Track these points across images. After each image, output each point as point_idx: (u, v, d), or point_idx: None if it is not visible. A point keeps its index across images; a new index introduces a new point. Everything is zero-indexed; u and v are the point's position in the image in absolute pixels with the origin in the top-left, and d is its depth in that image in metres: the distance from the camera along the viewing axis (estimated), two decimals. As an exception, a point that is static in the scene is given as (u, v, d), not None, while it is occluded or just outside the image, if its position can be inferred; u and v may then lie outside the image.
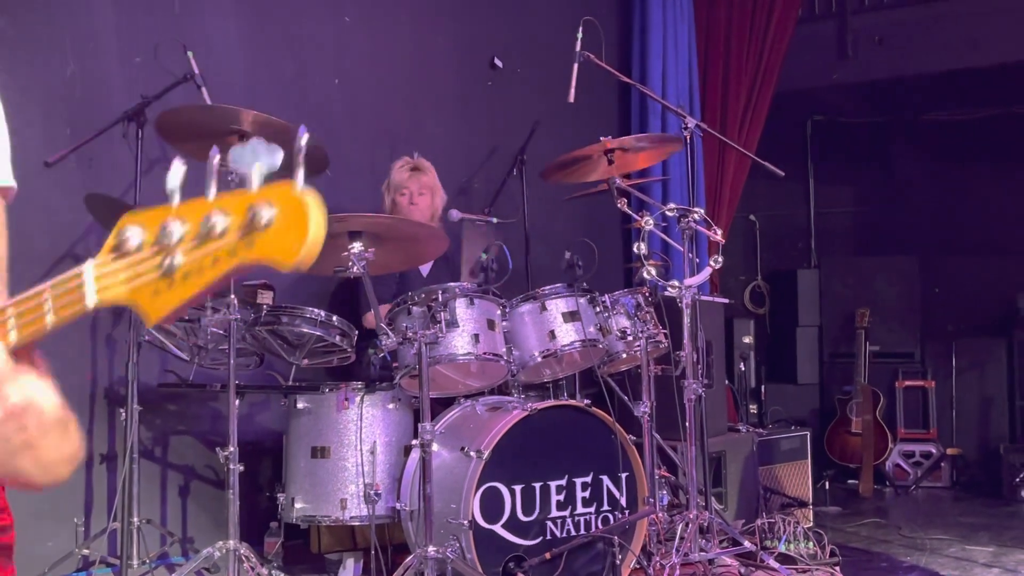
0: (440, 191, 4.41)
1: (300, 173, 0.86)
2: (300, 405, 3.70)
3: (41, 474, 1.06)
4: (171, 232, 0.89)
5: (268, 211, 0.85)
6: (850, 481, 6.31)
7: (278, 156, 0.88)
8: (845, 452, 6.45)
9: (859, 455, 6.27)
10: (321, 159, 3.51)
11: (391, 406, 3.69)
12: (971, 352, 6.54)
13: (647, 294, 3.89)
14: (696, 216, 3.75)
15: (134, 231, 0.92)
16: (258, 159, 0.88)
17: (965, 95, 6.74)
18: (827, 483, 5.97)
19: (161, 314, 0.92)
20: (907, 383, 6.51)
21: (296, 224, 0.84)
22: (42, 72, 3.83)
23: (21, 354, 1.03)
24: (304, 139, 0.89)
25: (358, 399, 3.64)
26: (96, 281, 0.95)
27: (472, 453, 3.25)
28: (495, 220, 4.51)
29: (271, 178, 0.87)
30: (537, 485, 3.36)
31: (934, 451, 6.30)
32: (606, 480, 3.52)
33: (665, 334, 3.89)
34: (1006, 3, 6.29)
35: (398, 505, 3.46)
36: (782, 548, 3.98)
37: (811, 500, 5.16)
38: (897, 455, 6.34)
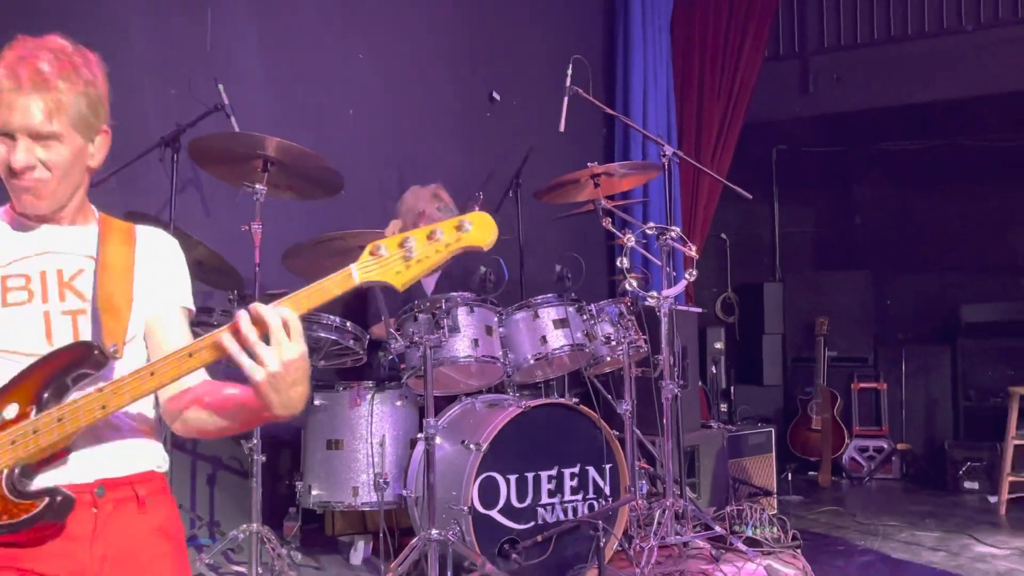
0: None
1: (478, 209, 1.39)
2: (317, 402, 3.70)
3: (296, 406, 1.47)
4: (409, 241, 1.42)
5: (468, 224, 1.44)
6: (810, 473, 6.31)
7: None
8: (806, 447, 6.45)
9: (818, 449, 6.27)
10: (336, 181, 3.51)
11: (399, 403, 3.69)
12: (919, 357, 6.55)
13: (629, 304, 3.89)
14: (673, 234, 3.76)
15: (382, 245, 1.43)
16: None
17: (913, 128, 6.77)
18: (790, 475, 5.96)
19: (403, 282, 1.44)
20: (861, 385, 6.51)
21: (484, 227, 1.45)
22: (87, 102, 3.83)
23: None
24: (480, 201, 1.48)
25: (369, 397, 3.64)
26: (358, 270, 1.44)
27: (472, 446, 3.25)
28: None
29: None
30: (530, 475, 3.36)
31: (886, 446, 6.30)
32: (592, 471, 3.52)
33: (645, 340, 3.89)
34: (948, 47, 6.34)
35: (405, 492, 3.47)
36: (749, 532, 3.98)
37: (775, 490, 5.16)
38: (853, 450, 6.34)
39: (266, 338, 1.43)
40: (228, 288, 3.54)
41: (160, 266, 1.74)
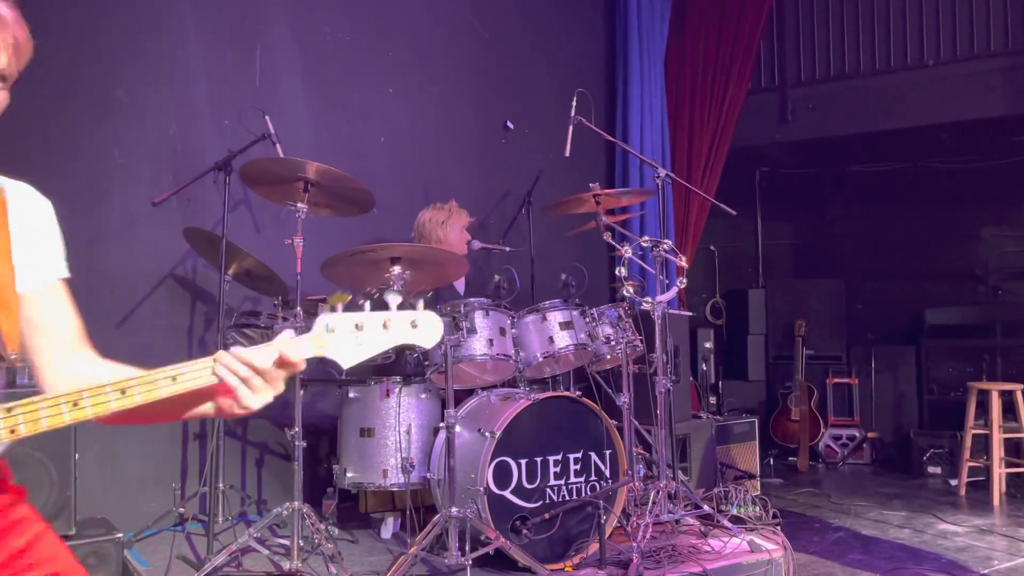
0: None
1: (421, 306, 1.34)
2: (351, 394, 3.71)
3: (263, 401, 1.33)
4: (365, 325, 1.32)
5: (419, 321, 1.33)
6: (790, 458, 6.27)
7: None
8: (786, 435, 6.41)
9: (797, 437, 6.23)
10: (368, 200, 3.53)
11: (423, 395, 3.70)
12: (887, 356, 6.50)
13: (627, 308, 3.89)
14: (666, 246, 3.75)
15: (338, 325, 1.32)
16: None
17: (881, 151, 6.74)
18: (771, 460, 5.94)
19: (350, 363, 1.32)
20: (836, 380, 6.47)
21: (432, 329, 1.35)
22: (151, 131, 3.88)
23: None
24: (421, 305, 1.34)
25: (397, 390, 3.65)
26: (312, 341, 1.32)
27: (487, 433, 3.25)
28: (507, 249, 4.52)
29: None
30: (539, 459, 3.36)
31: (857, 435, 6.26)
32: (594, 456, 3.51)
33: (641, 340, 3.88)
34: (912, 80, 6.30)
35: (428, 475, 3.47)
36: (734, 511, 3.96)
37: (758, 473, 5.14)
38: (828, 438, 6.30)
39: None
40: (273, 294, 3.56)
41: (35, 234, 1.38)
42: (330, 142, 4.55)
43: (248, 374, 1.29)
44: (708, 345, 6.52)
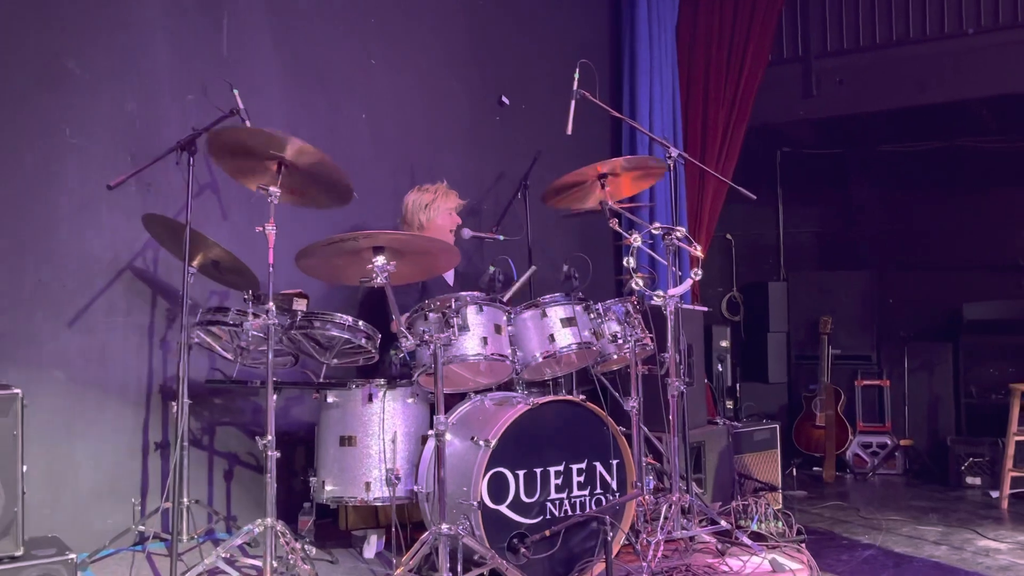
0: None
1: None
2: (330, 399, 3.70)
3: None
4: None
5: None
6: (815, 468, 6.27)
7: None
8: (810, 443, 6.41)
9: (823, 445, 6.23)
10: (345, 193, 3.48)
11: (410, 400, 3.69)
12: (921, 355, 6.50)
13: (635, 303, 3.87)
14: (679, 234, 3.73)
15: None
16: None
17: (914, 130, 6.72)
18: (794, 470, 5.93)
19: None
20: (865, 382, 6.47)
21: None
22: (107, 107, 3.85)
23: None
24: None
25: (381, 394, 3.64)
26: None
27: (481, 442, 3.24)
28: (501, 237, 4.51)
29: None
30: (538, 470, 3.35)
31: (889, 442, 6.26)
32: (599, 466, 3.51)
33: (651, 338, 3.87)
34: (947, 49, 6.29)
35: (416, 488, 3.45)
36: (754, 527, 3.95)
37: (780, 485, 5.14)
38: (856, 446, 6.30)
39: None
40: (243, 288, 3.54)
41: None
42: (306, 119, 4.53)
43: None
44: (724, 344, 6.51)
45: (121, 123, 3.88)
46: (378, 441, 3.60)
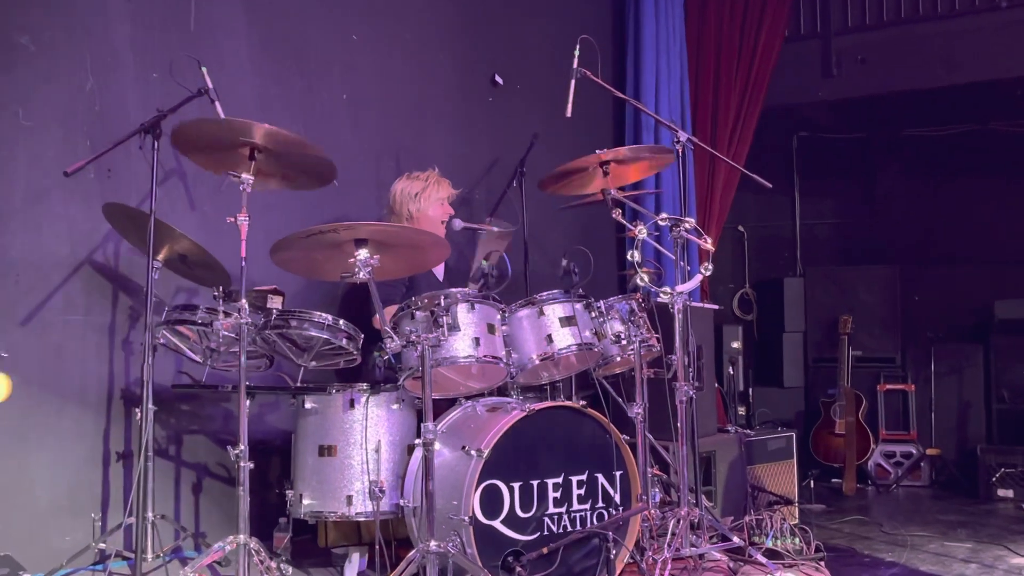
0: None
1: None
2: (308, 405, 3.68)
3: None
4: None
5: None
6: (834, 480, 6.29)
7: None
8: (829, 452, 6.43)
9: (842, 455, 6.25)
10: (328, 171, 3.49)
11: (395, 406, 3.67)
12: (949, 357, 6.52)
13: (640, 300, 3.87)
14: (687, 225, 3.73)
15: None
16: None
17: (942, 112, 6.74)
18: (812, 482, 5.95)
19: None
20: (888, 387, 6.49)
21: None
22: (63, 86, 3.82)
23: None
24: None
25: (364, 399, 3.63)
26: None
27: (473, 452, 3.24)
28: (496, 229, 4.50)
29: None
30: (535, 483, 3.35)
31: (914, 451, 6.28)
32: (601, 478, 3.51)
33: (658, 338, 3.87)
34: (979, 24, 6.30)
35: (402, 502, 3.45)
36: (769, 544, 3.96)
37: (796, 498, 5.15)
38: (879, 455, 6.32)
39: None
40: (213, 284, 3.52)
41: None
42: (281, 100, 4.51)
43: None
44: (736, 345, 6.53)
45: (79, 104, 3.86)
46: (360, 451, 3.58)
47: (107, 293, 3.92)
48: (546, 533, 3.34)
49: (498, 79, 5.15)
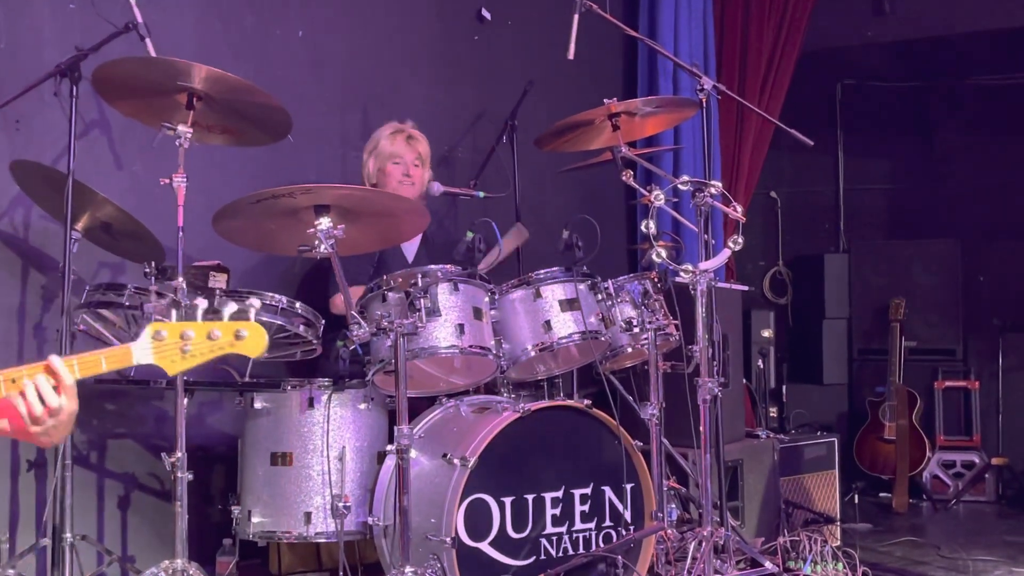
0: (429, 165, 4.41)
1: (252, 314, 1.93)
2: (258, 405, 3.69)
3: (58, 439, 2.03)
4: (189, 333, 1.92)
5: (245, 332, 1.93)
6: (882, 494, 6.33)
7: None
8: (877, 461, 6.46)
9: (893, 465, 6.28)
10: (283, 122, 3.47)
11: (362, 406, 3.68)
12: (1020, 349, 6.56)
13: (656, 280, 3.88)
14: (713, 191, 3.71)
15: (164, 331, 1.91)
16: None
17: (1017, 57, 6.74)
18: (856, 496, 5.97)
19: (176, 371, 1.95)
20: (947, 384, 6.52)
21: (258, 339, 1.95)
22: (-39, 20, 3.79)
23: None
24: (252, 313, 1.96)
25: (325, 398, 3.63)
26: (137, 350, 1.91)
27: (456, 460, 3.25)
28: (481, 194, 4.49)
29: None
30: (530, 497, 3.37)
31: (977, 461, 6.32)
32: (608, 492, 3.53)
33: (676, 326, 3.89)
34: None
35: (370, 520, 3.46)
36: (807, 570, 3.99)
37: (839, 516, 5.17)
38: (935, 465, 6.36)
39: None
40: (143, 259, 3.50)
41: None
42: (225, 37, 4.49)
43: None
44: (767, 334, 6.55)
45: (-20, 41, 3.83)
46: (321, 459, 3.59)
47: (15, 269, 3.91)
48: (543, 557, 3.37)
49: (485, 13, 5.12)
